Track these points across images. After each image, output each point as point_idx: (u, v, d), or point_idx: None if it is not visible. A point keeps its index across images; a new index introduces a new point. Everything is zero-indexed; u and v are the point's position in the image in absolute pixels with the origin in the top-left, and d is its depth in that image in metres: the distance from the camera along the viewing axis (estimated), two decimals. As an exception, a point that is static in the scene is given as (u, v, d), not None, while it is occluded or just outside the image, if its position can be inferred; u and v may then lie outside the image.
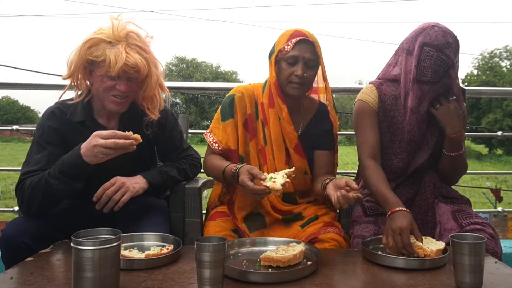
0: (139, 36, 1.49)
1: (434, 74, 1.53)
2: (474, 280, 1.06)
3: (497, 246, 1.47)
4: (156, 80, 1.52)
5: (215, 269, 1.02)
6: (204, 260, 1.02)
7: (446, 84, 1.57)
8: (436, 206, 1.64)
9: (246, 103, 1.63)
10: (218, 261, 1.02)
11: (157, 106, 1.59)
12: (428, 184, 1.66)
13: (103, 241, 1.01)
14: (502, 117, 28.49)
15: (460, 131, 1.57)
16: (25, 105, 43.69)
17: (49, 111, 1.55)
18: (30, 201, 1.40)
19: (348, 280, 1.15)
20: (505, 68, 32.38)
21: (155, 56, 1.53)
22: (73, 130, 1.53)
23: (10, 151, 22.58)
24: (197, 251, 1.03)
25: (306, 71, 1.52)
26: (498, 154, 29.21)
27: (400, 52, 1.65)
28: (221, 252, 1.03)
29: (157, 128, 1.63)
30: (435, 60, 1.50)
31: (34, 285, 1.07)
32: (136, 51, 1.44)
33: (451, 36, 1.51)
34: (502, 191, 4.28)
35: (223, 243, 1.04)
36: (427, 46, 1.50)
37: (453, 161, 1.62)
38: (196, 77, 42.96)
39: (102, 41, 1.42)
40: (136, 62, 1.42)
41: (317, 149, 1.66)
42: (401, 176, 1.69)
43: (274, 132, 1.60)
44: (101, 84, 1.47)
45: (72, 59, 1.47)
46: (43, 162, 1.45)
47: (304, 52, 1.51)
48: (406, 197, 1.65)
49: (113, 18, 1.46)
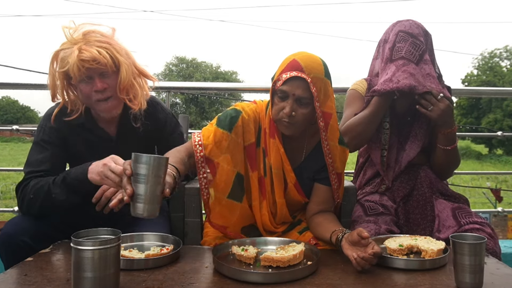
0: (98, 32, 1.46)
1: (408, 52, 1.61)
2: (474, 280, 1.07)
3: (496, 245, 1.47)
4: (128, 67, 1.46)
5: (151, 185, 0.96)
6: (139, 173, 0.96)
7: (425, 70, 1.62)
8: (434, 201, 1.65)
9: (250, 128, 1.50)
10: (156, 176, 0.96)
11: (139, 94, 1.53)
12: (424, 179, 1.68)
13: (103, 241, 1.01)
14: (502, 117, 28.47)
15: (454, 125, 1.63)
16: (25, 105, 43.72)
17: (50, 112, 1.55)
18: (30, 203, 1.40)
19: (348, 280, 1.15)
20: (505, 68, 32.35)
21: (120, 45, 1.48)
22: (73, 131, 1.53)
23: (10, 151, 22.60)
24: (133, 163, 0.97)
25: (297, 109, 1.38)
26: (498, 154, 29.19)
27: (379, 45, 1.78)
28: (160, 168, 0.97)
29: (145, 119, 1.58)
30: (410, 43, 1.62)
31: (34, 285, 1.07)
32: (95, 46, 1.40)
33: (423, 29, 1.67)
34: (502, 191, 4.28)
35: (164, 158, 0.99)
36: (402, 32, 1.65)
37: (448, 154, 1.66)
38: (196, 77, 42.93)
39: (62, 51, 1.42)
40: (92, 55, 1.38)
41: (316, 182, 1.55)
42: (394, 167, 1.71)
43: (275, 164, 1.49)
44: (82, 93, 1.46)
45: (48, 82, 1.48)
46: (46, 163, 1.46)
47: (295, 88, 1.36)
48: (403, 192, 1.68)
49: (65, 27, 1.44)
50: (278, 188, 1.51)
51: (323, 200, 1.53)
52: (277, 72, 1.43)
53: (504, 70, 31.99)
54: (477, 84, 30.26)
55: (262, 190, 1.53)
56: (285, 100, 1.39)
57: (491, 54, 32.92)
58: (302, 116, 1.40)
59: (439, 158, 1.69)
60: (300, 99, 1.38)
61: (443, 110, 1.57)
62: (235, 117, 1.48)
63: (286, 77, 1.36)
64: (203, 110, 42.28)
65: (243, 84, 6.63)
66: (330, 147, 1.48)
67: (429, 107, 1.58)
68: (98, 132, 1.55)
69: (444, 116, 1.58)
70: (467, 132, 28.43)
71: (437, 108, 1.57)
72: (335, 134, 1.49)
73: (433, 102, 1.58)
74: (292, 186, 1.52)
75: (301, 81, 1.36)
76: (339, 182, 1.53)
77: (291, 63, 1.39)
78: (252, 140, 1.51)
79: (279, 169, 1.50)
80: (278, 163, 1.50)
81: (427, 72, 1.62)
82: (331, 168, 1.50)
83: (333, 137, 1.48)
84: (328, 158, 1.49)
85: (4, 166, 9.59)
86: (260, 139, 1.53)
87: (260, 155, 1.52)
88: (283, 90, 1.38)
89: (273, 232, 1.56)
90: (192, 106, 42.14)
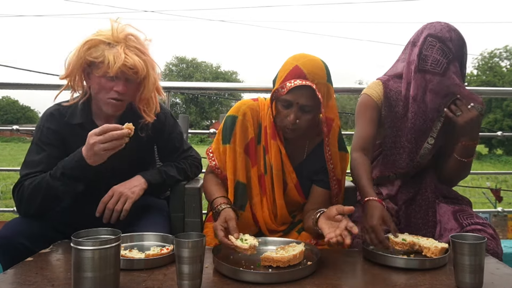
0: (138, 39, 1.50)
1: (434, 63, 1.55)
2: (474, 280, 1.06)
3: (497, 246, 1.47)
4: (153, 82, 1.52)
5: (193, 264, 1.03)
6: (183, 256, 1.03)
7: (452, 82, 1.56)
8: (436, 206, 1.64)
9: (248, 127, 1.52)
10: (196, 256, 1.03)
11: (153, 109, 1.59)
12: (429, 184, 1.66)
13: (103, 241, 1.01)
14: (502, 117, 28.47)
15: (477, 139, 1.58)
16: (25, 105, 43.76)
17: (48, 113, 1.55)
18: (29, 202, 1.40)
19: (348, 280, 1.15)
20: (505, 68, 32.35)
21: (153, 59, 1.54)
22: (72, 132, 1.53)
23: (10, 151, 22.57)
24: (176, 247, 1.04)
25: (300, 116, 1.39)
26: (498, 154, 29.18)
27: (406, 46, 1.69)
28: (200, 248, 1.04)
29: (151, 132, 1.62)
30: (436, 50, 1.55)
31: (34, 285, 1.07)
32: (134, 53, 1.45)
33: (455, 33, 1.58)
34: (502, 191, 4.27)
35: (201, 239, 1.05)
36: (431, 36, 1.58)
37: (461, 166, 1.62)
38: (196, 77, 42.98)
39: (101, 43, 1.43)
40: (135, 63, 1.42)
41: (314, 184, 1.55)
42: (407, 172, 1.68)
43: (276, 165, 1.50)
44: (99, 85, 1.47)
45: (70, 60, 1.47)
46: (43, 164, 1.46)
47: (299, 97, 1.36)
48: (406, 196, 1.65)
49: (113, 20, 1.47)
50: (278, 188, 1.52)
51: (319, 202, 1.53)
52: (278, 78, 1.42)
53: (504, 70, 31.99)
54: (477, 84, 30.23)
55: (262, 187, 1.54)
56: (289, 108, 1.39)
57: (491, 54, 32.92)
58: (306, 123, 1.41)
59: (452, 168, 1.65)
60: (303, 107, 1.38)
61: (471, 118, 1.53)
62: (231, 125, 1.52)
63: (290, 86, 1.34)
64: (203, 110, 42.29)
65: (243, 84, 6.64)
66: (332, 153, 1.49)
67: (458, 112, 1.55)
68: None
69: (470, 126, 1.54)
70: (467, 132, 28.41)
71: (466, 116, 1.54)
72: (336, 140, 1.49)
73: (463, 108, 1.55)
74: (292, 187, 1.53)
75: (305, 89, 1.35)
76: (339, 188, 1.54)
77: (294, 70, 1.36)
78: (252, 135, 1.52)
79: (279, 170, 1.51)
80: (279, 164, 1.51)
81: (456, 83, 1.57)
82: (332, 173, 1.51)
83: (334, 143, 1.49)
84: (330, 163, 1.49)
85: (4, 166, 9.61)
86: (260, 136, 1.54)
87: (260, 152, 1.54)
88: (287, 99, 1.37)
89: (275, 231, 1.56)
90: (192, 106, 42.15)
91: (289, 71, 1.37)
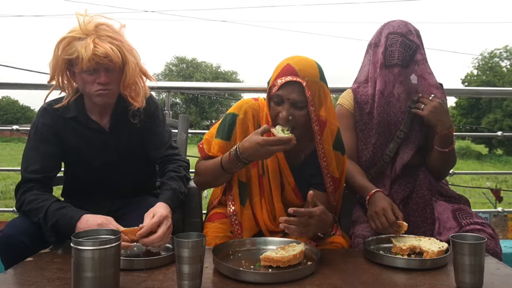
0: (110, 26, 1.48)
1: (401, 56, 1.64)
2: (474, 280, 1.06)
3: (497, 246, 1.47)
4: (134, 67, 1.49)
5: (193, 264, 1.04)
6: (183, 256, 1.03)
7: (417, 72, 1.65)
8: (434, 203, 1.64)
9: (248, 126, 1.52)
10: (196, 256, 1.04)
11: (140, 93, 1.56)
12: (423, 181, 1.68)
13: (103, 241, 1.01)
14: (502, 117, 28.51)
15: (450, 126, 1.63)
16: (25, 105, 43.77)
17: (42, 108, 1.56)
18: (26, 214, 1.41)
19: (348, 280, 1.15)
20: (505, 68, 32.39)
21: (130, 44, 1.51)
22: (66, 125, 1.53)
23: (10, 151, 22.59)
24: (176, 247, 1.04)
25: (293, 113, 1.39)
26: (498, 154, 29.21)
27: (367, 50, 1.77)
28: (200, 248, 1.05)
29: (144, 117, 1.59)
30: (401, 43, 1.64)
31: (34, 285, 1.07)
32: (107, 41, 1.43)
33: (412, 26, 1.68)
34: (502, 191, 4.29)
35: (201, 239, 1.06)
36: (392, 34, 1.66)
37: (445, 156, 1.66)
38: (196, 77, 42.95)
39: (74, 39, 1.42)
40: (106, 51, 1.40)
41: (311, 187, 1.52)
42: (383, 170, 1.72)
43: (272, 166, 1.51)
44: (82, 81, 1.47)
45: (51, 63, 1.48)
46: (40, 161, 1.47)
47: (290, 92, 1.37)
48: (402, 195, 1.67)
49: (79, 14, 1.46)
50: (275, 190, 1.52)
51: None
52: (272, 78, 1.43)
53: (504, 70, 32.03)
54: (477, 84, 30.31)
55: (261, 188, 1.54)
56: (281, 105, 1.40)
57: (491, 54, 32.96)
58: (301, 118, 1.40)
59: (436, 160, 1.68)
60: (295, 103, 1.38)
61: (434, 107, 1.60)
62: (232, 124, 1.52)
63: (281, 82, 1.37)
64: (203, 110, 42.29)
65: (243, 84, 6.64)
66: (325, 151, 1.48)
67: (421, 106, 1.62)
68: (91, 125, 1.55)
69: (437, 114, 1.60)
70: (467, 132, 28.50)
71: (429, 106, 1.61)
72: (330, 139, 1.47)
73: (425, 101, 1.63)
74: (290, 189, 1.53)
75: (296, 85, 1.36)
76: (334, 185, 1.52)
77: (285, 68, 1.39)
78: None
79: (276, 172, 1.52)
80: (275, 166, 1.51)
81: (419, 74, 1.66)
82: (326, 171, 1.50)
83: (328, 141, 1.47)
84: (323, 161, 1.48)
85: (4, 166, 9.59)
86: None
87: None
88: (278, 95, 1.39)
89: (275, 232, 1.56)
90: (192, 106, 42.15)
91: (281, 70, 1.40)
